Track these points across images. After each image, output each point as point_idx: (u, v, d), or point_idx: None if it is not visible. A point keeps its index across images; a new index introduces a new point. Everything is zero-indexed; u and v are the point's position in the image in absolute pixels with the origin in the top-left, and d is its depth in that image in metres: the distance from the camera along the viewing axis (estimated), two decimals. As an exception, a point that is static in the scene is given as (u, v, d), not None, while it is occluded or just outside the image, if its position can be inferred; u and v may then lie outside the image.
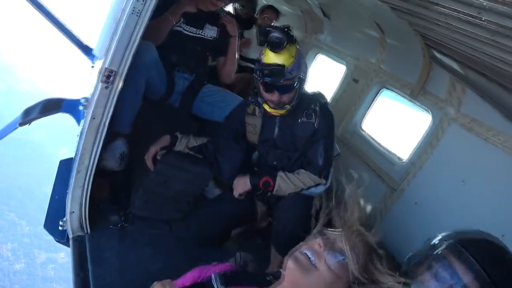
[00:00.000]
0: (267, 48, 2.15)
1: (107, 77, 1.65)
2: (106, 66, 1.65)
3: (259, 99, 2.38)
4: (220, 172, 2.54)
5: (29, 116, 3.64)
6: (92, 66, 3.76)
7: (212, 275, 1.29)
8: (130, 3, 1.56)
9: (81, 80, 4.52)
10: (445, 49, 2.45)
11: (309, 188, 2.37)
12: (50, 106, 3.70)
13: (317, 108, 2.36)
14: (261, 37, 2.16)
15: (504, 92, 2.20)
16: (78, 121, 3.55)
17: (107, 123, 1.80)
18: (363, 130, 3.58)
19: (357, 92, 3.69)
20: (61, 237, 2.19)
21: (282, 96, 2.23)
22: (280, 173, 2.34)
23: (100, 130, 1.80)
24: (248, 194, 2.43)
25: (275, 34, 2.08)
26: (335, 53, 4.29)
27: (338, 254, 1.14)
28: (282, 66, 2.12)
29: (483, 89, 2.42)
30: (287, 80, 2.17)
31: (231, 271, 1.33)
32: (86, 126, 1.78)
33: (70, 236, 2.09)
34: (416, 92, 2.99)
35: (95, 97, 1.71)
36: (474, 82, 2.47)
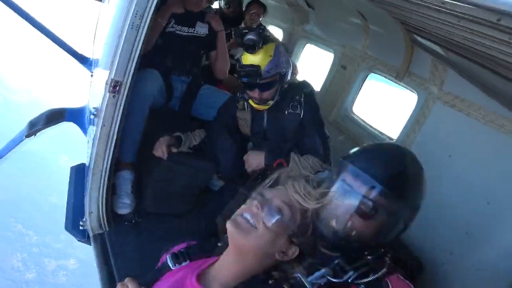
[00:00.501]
0: None
1: (114, 87, 1.81)
2: (112, 78, 1.81)
3: (245, 95, 2.50)
4: (218, 165, 2.66)
5: (34, 127, 3.80)
6: (92, 75, 3.89)
7: (167, 256, 1.34)
8: (129, 19, 1.72)
9: (80, 88, 4.67)
10: (423, 33, 2.60)
11: (316, 173, 2.51)
12: (54, 116, 3.85)
13: (302, 99, 2.46)
14: (238, 39, 2.28)
15: (481, 70, 2.35)
16: (83, 128, 3.70)
17: (117, 129, 1.96)
18: (354, 114, 3.75)
19: (346, 78, 3.85)
20: (82, 236, 2.36)
21: (263, 94, 2.35)
22: (293, 155, 2.42)
23: (111, 136, 1.96)
24: (260, 171, 2.50)
25: (249, 36, 2.20)
26: (322, 42, 4.44)
27: (275, 212, 1.18)
28: (257, 66, 2.24)
29: (463, 68, 2.57)
30: (266, 79, 2.28)
31: (185, 248, 1.37)
32: (98, 133, 1.94)
33: (91, 235, 2.26)
34: (402, 74, 3.15)
35: (104, 106, 1.87)
36: (454, 62, 2.62)
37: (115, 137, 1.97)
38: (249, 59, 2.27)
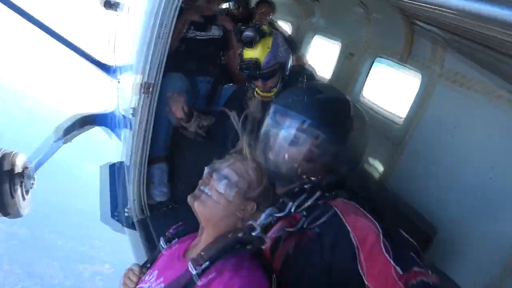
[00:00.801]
0: None
1: (147, 88, 2.11)
2: (145, 81, 2.10)
3: (252, 84, 2.69)
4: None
5: (68, 134, 4.15)
6: (118, 81, 4.20)
7: (161, 239, 1.56)
8: (156, 30, 2.01)
9: (107, 93, 5.00)
10: (420, 18, 2.80)
11: None
12: (86, 122, 4.20)
13: (305, 80, 2.69)
14: (237, 36, 2.51)
15: (477, 46, 2.54)
16: (114, 131, 4.02)
17: (151, 125, 2.25)
18: (364, 98, 3.96)
19: (353, 65, 4.06)
20: (117, 226, 2.66)
21: (266, 83, 2.55)
22: None
23: (147, 131, 2.25)
24: None
25: (246, 33, 2.41)
26: (329, 33, 4.66)
27: (223, 178, 1.36)
28: (256, 60, 2.44)
29: (460, 46, 2.76)
30: (266, 70, 2.48)
31: (174, 229, 1.59)
32: (136, 129, 2.24)
33: (135, 220, 2.55)
34: (405, 57, 3.35)
35: (140, 106, 2.17)
36: (451, 41, 2.81)
37: (150, 132, 2.27)
38: (248, 53, 2.48)
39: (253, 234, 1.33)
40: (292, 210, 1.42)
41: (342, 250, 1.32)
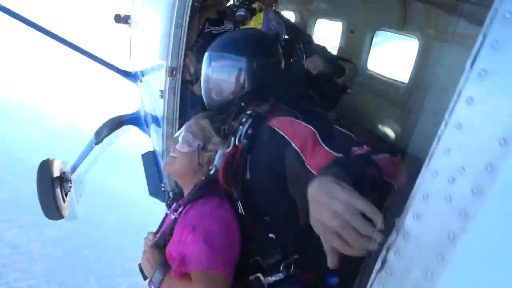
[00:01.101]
0: None
1: (171, 72, 2.43)
2: (169, 65, 2.42)
3: None
4: None
5: (100, 136, 4.53)
6: (141, 81, 4.56)
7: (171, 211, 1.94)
8: (174, 20, 2.34)
9: (132, 95, 5.38)
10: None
11: None
12: (114, 123, 4.57)
13: (301, 45, 2.94)
14: (231, 18, 2.78)
15: (467, 5, 2.75)
16: (141, 128, 4.37)
17: (178, 105, 2.57)
18: (369, 70, 4.19)
19: (356, 40, 4.31)
20: (164, 198, 2.98)
21: None
22: None
23: (175, 110, 2.57)
24: None
25: (238, 13, 2.69)
26: (330, 15, 4.92)
27: (180, 139, 1.77)
28: None
29: (449, 7, 2.99)
30: None
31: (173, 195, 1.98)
32: (165, 109, 2.56)
33: (171, 194, 2.87)
34: (401, 26, 3.59)
35: (167, 88, 2.49)
36: (441, 4, 3.04)
37: (178, 111, 2.58)
38: None
39: (211, 173, 1.70)
40: (237, 143, 1.68)
41: (289, 160, 1.50)
